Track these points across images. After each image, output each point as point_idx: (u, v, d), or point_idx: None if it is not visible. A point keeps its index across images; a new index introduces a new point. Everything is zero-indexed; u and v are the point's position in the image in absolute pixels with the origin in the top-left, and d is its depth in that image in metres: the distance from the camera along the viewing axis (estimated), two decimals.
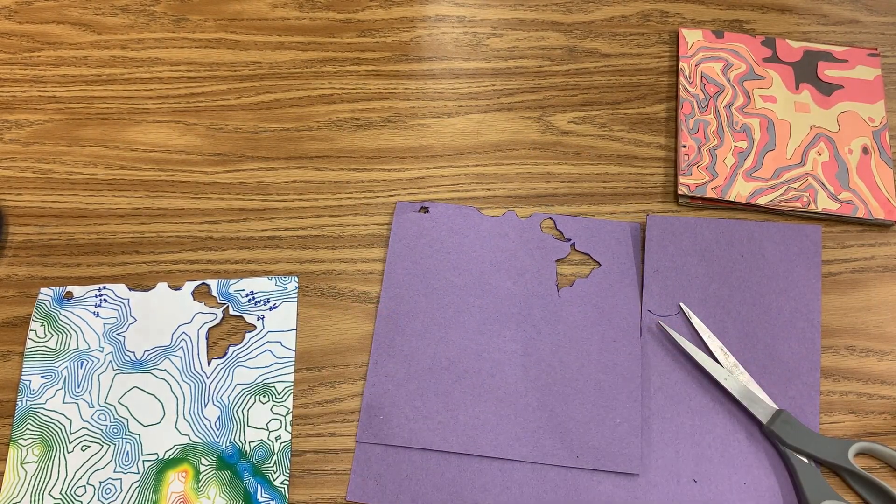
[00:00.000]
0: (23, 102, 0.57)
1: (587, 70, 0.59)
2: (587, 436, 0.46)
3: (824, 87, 0.57)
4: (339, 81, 0.58)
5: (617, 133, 0.56)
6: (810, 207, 0.52)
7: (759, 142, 0.55)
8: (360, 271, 0.51)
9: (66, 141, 0.55)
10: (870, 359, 0.49)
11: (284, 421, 0.47)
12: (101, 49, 0.59)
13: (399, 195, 0.54)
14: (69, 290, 0.50)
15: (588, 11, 0.62)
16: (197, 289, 0.50)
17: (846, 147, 0.55)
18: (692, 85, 0.57)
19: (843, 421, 0.47)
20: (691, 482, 0.45)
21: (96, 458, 0.45)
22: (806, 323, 0.49)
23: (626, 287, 0.50)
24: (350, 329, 0.50)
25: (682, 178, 0.53)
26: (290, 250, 0.52)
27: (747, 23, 0.61)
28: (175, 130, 0.56)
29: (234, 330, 0.49)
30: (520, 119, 0.57)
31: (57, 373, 0.47)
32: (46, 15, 0.60)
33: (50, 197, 0.53)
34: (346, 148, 0.56)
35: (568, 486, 0.45)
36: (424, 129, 0.56)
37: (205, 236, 0.52)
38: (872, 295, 0.51)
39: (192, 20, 0.60)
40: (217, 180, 0.54)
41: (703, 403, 0.47)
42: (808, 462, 0.45)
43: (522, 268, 0.51)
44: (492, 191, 0.54)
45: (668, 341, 0.49)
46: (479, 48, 0.60)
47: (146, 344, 0.48)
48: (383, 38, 0.60)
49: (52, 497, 0.45)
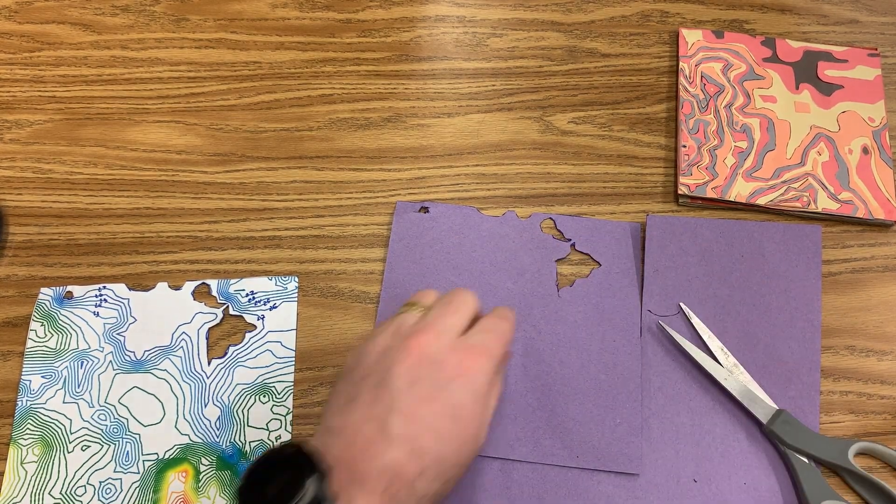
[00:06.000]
0: (23, 102, 0.57)
1: (587, 70, 0.59)
2: (587, 436, 0.46)
3: (824, 87, 0.57)
4: (339, 81, 0.58)
5: (617, 133, 0.56)
6: (810, 207, 0.52)
7: (759, 142, 0.55)
8: (360, 271, 0.51)
9: (66, 141, 0.55)
10: (870, 359, 0.49)
11: (284, 421, 0.47)
12: (101, 49, 0.59)
13: (399, 195, 0.54)
14: (69, 290, 0.50)
15: (588, 11, 0.62)
16: (197, 289, 0.50)
17: (846, 147, 0.55)
18: (692, 85, 0.57)
19: (843, 421, 0.47)
20: (691, 482, 0.45)
21: (96, 457, 0.45)
22: (806, 323, 0.49)
23: (626, 287, 0.50)
24: (350, 329, 0.50)
25: (682, 178, 0.53)
26: (290, 250, 0.52)
27: (747, 23, 0.61)
28: (175, 130, 0.56)
29: (234, 330, 0.49)
30: (520, 119, 0.57)
31: (57, 373, 0.47)
32: (46, 15, 0.60)
33: (50, 197, 0.53)
34: (346, 148, 0.56)
35: (568, 486, 0.45)
36: (424, 129, 0.56)
37: (205, 236, 0.52)
38: (872, 295, 0.51)
39: (192, 20, 0.60)
40: (217, 180, 0.54)
41: (703, 403, 0.47)
42: (808, 462, 0.45)
43: (522, 268, 0.51)
44: (492, 191, 0.54)
45: (668, 341, 0.49)
46: (479, 48, 0.60)
47: (146, 344, 0.48)
48: (383, 38, 0.60)
49: (52, 497, 0.45)
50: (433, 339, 0.36)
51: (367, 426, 0.34)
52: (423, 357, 0.35)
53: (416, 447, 0.34)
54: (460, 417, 0.35)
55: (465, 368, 0.35)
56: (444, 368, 0.35)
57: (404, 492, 0.33)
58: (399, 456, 0.33)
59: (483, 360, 0.36)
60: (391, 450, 0.33)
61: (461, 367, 0.35)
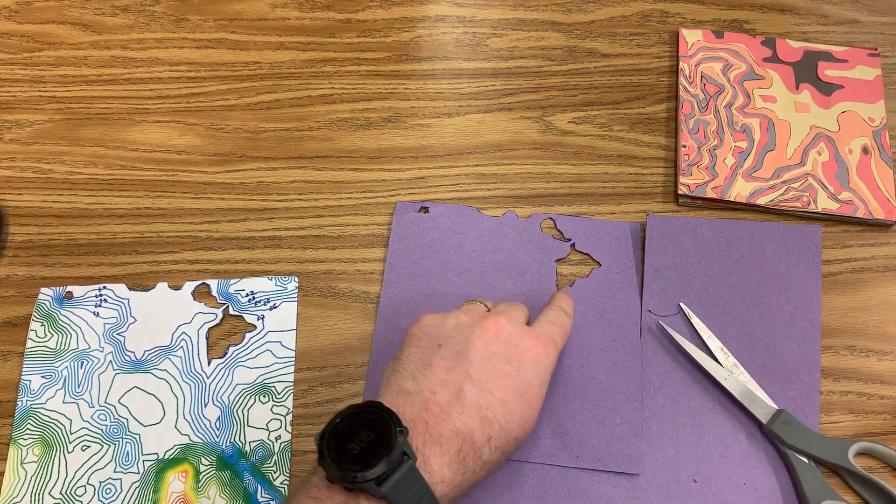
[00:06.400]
0: (23, 102, 0.57)
1: (587, 70, 0.59)
2: (587, 436, 0.46)
3: (824, 87, 0.57)
4: (339, 81, 0.58)
5: (617, 133, 0.56)
6: (810, 207, 0.52)
7: (759, 142, 0.55)
8: (360, 271, 0.51)
9: (66, 141, 0.55)
10: (870, 359, 0.49)
11: (284, 421, 0.47)
12: (101, 49, 0.59)
13: (399, 195, 0.54)
14: (69, 290, 0.50)
15: (588, 11, 0.62)
16: (197, 289, 0.50)
17: (846, 147, 0.55)
18: (692, 85, 0.57)
19: (843, 421, 0.47)
20: (691, 482, 0.45)
21: (96, 458, 0.45)
22: (806, 323, 0.49)
23: (626, 287, 0.50)
24: (350, 329, 0.50)
25: (682, 178, 0.53)
26: (290, 250, 0.52)
27: (747, 23, 0.61)
28: (175, 130, 0.56)
29: (234, 330, 0.49)
30: (520, 119, 0.57)
31: (57, 373, 0.47)
32: (46, 15, 0.60)
33: (50, 197, 0.53)
34: (346, 148, 0.56)
35: (568, 486, 0.45)
36: (424, 129, 0.56)
37: (205, 236, 0.52)
38: (872, 295, 0.51)
39: (192, 20, 0.60)
40: (217, 180, 0.54)
41: (703, 403, 0.47)
42: (808, 462, 0.45)
43: (522, 268, 0.51)
44: (492, 191, 0.54)
45: (668, 341, 0.49)
46: (479, 48, 0.60)
47: (146, 344, 0.48)
48: (383, 38, 0.60)
49: (52, 497, 0.45)
50: (507, 323, 0.39)
51: (443, 391, 0.36)
52: (500, 336, 0.39)
53: (487, 416, 0.36)
54: (526, 396, 0.38)
55: (535, 353, 0.39)
56: (517, 350, 0.38)
57: (472, 456, 0.36)
58: (472, 422, 0.36)
59: (550, 349, 0.40)
60: (465, 416, 0.36)
61: (532, 351, 0.39)
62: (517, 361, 0.38)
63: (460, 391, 0.37)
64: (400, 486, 0.33)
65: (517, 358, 0.38)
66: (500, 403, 0.37)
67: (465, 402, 0.36)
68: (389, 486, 0.33)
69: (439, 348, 0.39)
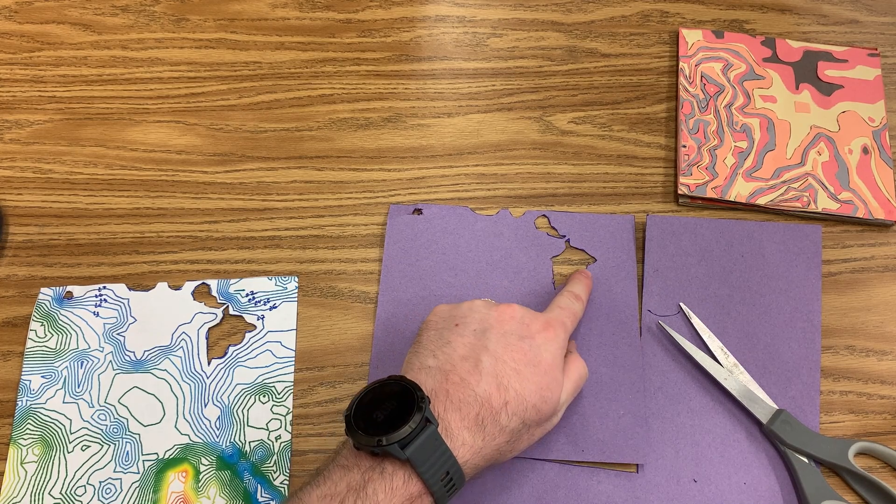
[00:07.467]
0: (23, 102, 0.57)
1: (587, 70, 0.59)
2: (591, 429, 0.46)
3: (824, 87, 0.57)
4: (339, 81, 0.58)
5: (617, 133, 0.56)
6: (810, 207, 0.52)
7: (759, 142, 0.55)
8: (360, 271, 0.51)
9: (66, 141, 0.55)
10: (870, 359, 0.49)
11: (284, 421, 0.47)
12: (101, 49, 0.59)
13: (399, 195, 0.54)
14: (69, 290, 0.50)
15: (588, 11, 0.62)
16: (197, 289, 0.50)
17: (846, 147, 0.55)
18: (692, 85, 0.57)
19: (843, 421, 0.47)
20: (691, 482, 0.45)
21: (96, 457, 0.45)
22: (806, 323, 0.49)
23: (624, 280, 0.50)
24: (350, 329, 0.50)
25: (682, 178, 0.53)
26: (290, 250, 0.52)
27: (747, 23, 0.61)
28: (175, 130, 0.56)
29: (234, 330, 0.49)
30: (520, 119, 0.57)
31: (57, 373, 0.47)
32: (46, 15, 0.60)
33: (50, 197, 0.53)
34: (346, 148, 0.56)
35: (568, 485, 0.45)
36: (424, 129, 0.56)
37: (205, 236, 0.52)
38: (872, 295, 0.51)
39: (192, 20, 0.60)
40: (217, 180, 0.54)
41: (703, 403, 0.47)
42: (808, 462, 0.45)
43: (518, 266, 0.51)
44: (492, 191, 0.54)
45: (668, 341, 0.49)
46: (479, 48, 0.60)
47: (146, 344, 0.48)
48: (383, 38, 0.60)
49: (52, 497, 0.45)
50: (519, 308, 0.43)
51: (463, 364, 0.40)
52: (514, 318, 0.42)
53: (502, 382, 0.39)
54: (539, 366, 0.41)
55: (545, 334, 0.42)
56: (529, 329, 0.42)
57: (490, 419, 0.39)
58: (489, 388, 0.39)
59: (560, 330, 0.43)
60: (483, 383, 0.39)
61: (543, 332, 0.42)
62: (529, 339, 0.42)
63: (478, 362, 0.40)
64: (423, 449, 0.36)
65: (527, 335, 0.42)
66: (514, 372, 0.40)
67: (482, 371, 0.39)
68: (413, 450, 0.36)
69: (457, 327, 0.42)
